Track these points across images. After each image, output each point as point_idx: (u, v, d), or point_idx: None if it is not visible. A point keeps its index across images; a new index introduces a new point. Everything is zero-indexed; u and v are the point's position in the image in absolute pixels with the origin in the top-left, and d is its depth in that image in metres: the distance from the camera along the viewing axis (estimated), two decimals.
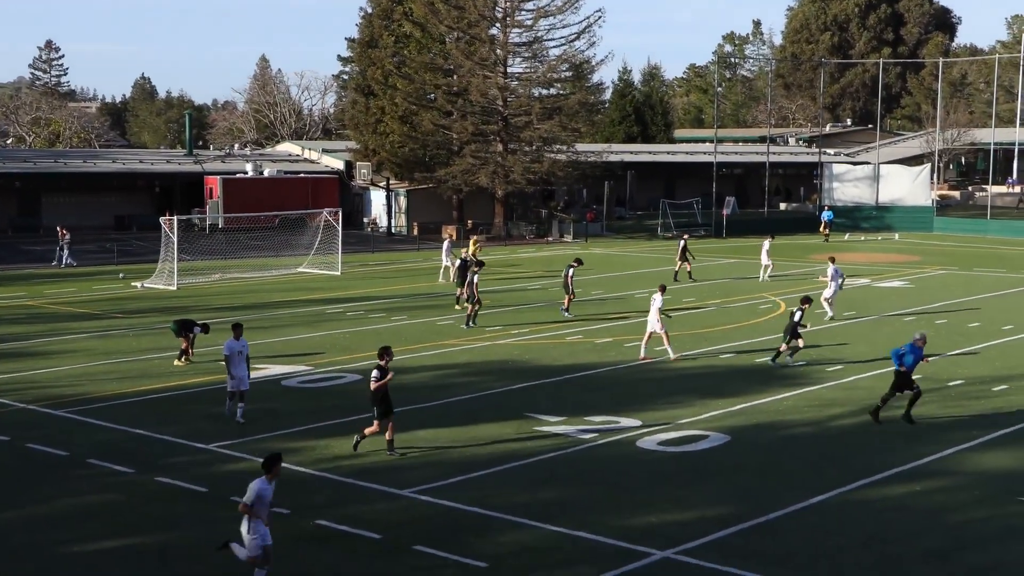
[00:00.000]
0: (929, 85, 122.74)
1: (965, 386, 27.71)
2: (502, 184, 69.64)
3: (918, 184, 79.53)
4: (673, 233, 73.20)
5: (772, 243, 50.31)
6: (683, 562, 16.25)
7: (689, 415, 24.68)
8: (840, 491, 19.45)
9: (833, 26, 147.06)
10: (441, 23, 70.29)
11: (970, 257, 59.14)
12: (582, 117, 73.40)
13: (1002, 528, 17.75)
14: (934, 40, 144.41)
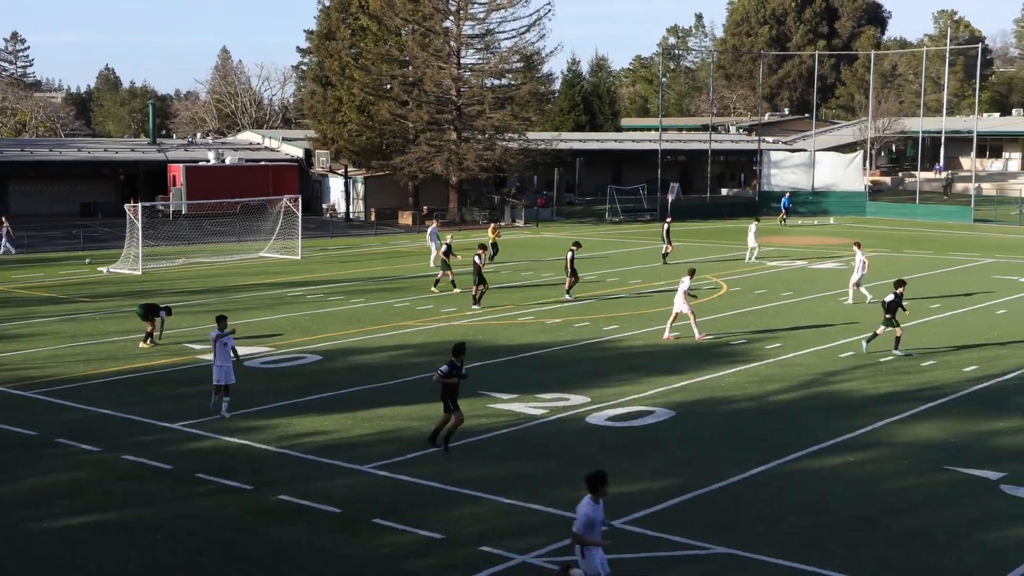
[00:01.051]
0: (862, 76, 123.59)
1: (895, 362, 27.99)
2: (456, 171, 69.58)
3: (851, 170, 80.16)
4: (620, 217, 73.52)
5: (758, 225, 50.77)
6: (630, 531, 16.34)
7: (636, 392, 24.79)
8: (778, 463, 19.62)
9: (771, 20, 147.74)
10: (397, 16, 70.03)
11: (900, 240, 59.69)
12: (533, 107, 73.45)
13: (929, 495, 17.98)
14: (866, 33, 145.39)
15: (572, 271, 38.20)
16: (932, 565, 15.18)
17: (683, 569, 14.99)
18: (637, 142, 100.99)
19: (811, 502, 17.60)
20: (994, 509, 17.35)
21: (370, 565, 15.15)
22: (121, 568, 15.14)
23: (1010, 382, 25.81)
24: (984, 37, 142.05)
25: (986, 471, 19.09)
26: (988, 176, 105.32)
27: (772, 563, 15.17)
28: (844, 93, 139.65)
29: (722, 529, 16.41)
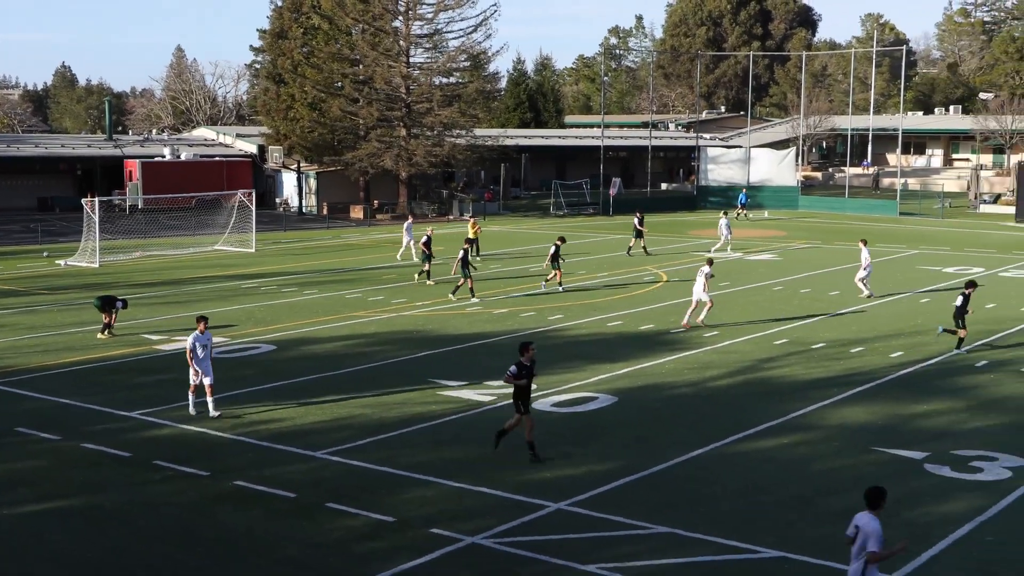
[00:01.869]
0: (794, 76, 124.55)
1: (826, 348, 28.30)
2: (406, 166, 69.43)
3: (784, 166, 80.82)
4: (564, 211, 73.64)
5: (728, 219, 51.01)
6: (575, 512, 16.42)
7: (580, 379, 24.89)
8: (716, 445, 19.79)
9: (708, 21, 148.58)
10: (347, 16, 69.65)
11: (830, 232, 60.28)
12: (480, 104, 73.41)
13: (857, 475, 18.16)
14: (798, 35, 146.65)
15: (556, 264, 37.83)
16: None
17: (625, 548, 15.08)
18: (580, 138, 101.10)
19: (747, 483, 17.78)
20: (918, 488, 17.63)
21: (323, 548, 15.11)
22: (83, 553, 15.02)
23: (933, 367, 26.21)
24: (908, 40, 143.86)
25: (911, 451, 19.39)
26: (913, 172, 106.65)
27: (710, 541, 15.31)
28: (777, 92, 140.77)
29: (662, 509, 16.54)
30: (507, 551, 14.97)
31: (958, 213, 74.48)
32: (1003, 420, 21.60)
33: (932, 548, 15.12)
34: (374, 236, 59.13)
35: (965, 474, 18.24)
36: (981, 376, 25.30)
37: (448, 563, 14.61)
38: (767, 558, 14.79)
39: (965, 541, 15.44)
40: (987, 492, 17.37)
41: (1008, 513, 16.53)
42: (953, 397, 23.40)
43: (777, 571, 14.38)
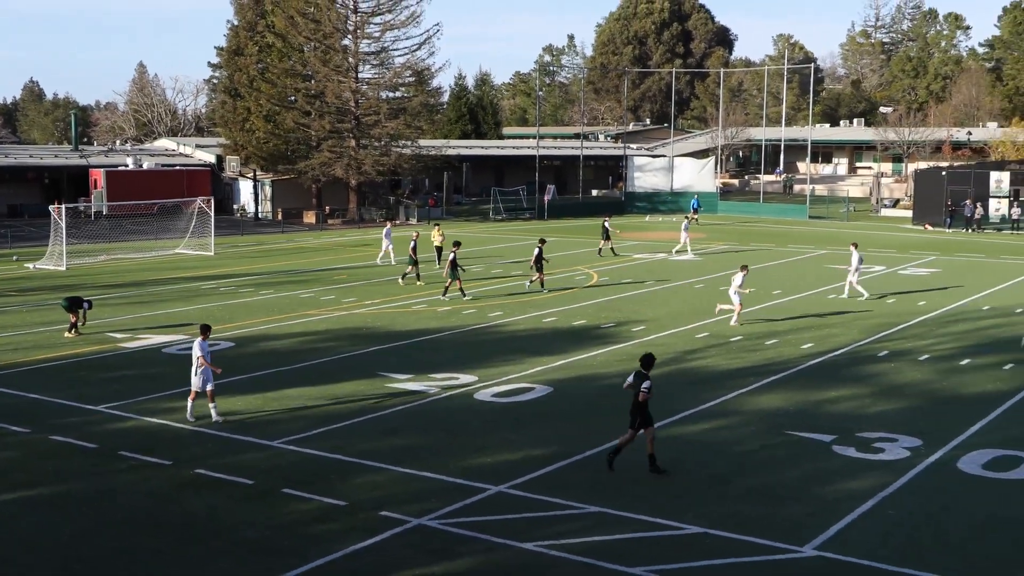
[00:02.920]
0: (713, 91, 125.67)
1: (743, 341, 28.55)
2: (355, 175, 69.11)
3: (704, 173, 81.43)
4: (502, 216, 73.66)
5: (689, 223, 51.18)
6: (513, 495, 16.44)
7: (518, 371, 24.91)
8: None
9: (634, 41, 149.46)
10: (300, 34, 69.18)
11: (747, 234, 60.88)
12: (424, 117, 73.36)
13: (772, 456, 18.42)
14: (716, 54, 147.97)
15: (539, 266, 37.19)
16: (775, 516, 15.56)
17: (561, 527, 15.12)
18: (517, 148, 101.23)
19: (673, 464, 17.87)
20: (827, 467, 17.85)
21: (279, 530, 15.00)
22: (53, 539, 14.77)
23: (840, 357, 26.55)
24: (816, 58, 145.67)
25: (820, 434, 19.63)
26: (821, 178, 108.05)
27: (637, 519, 15.39)
28: (698, 106, 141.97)
29: (595, 490, 16.60)
30: (451, 531, 14.95)
31: (861, 216, 75.61)
32: (902, 404, 21.95)
33: (840, 521, 15.32)
34: (325, 240, 58.78)
35: (869, 454, 18.50)
36: (883, 365, 25.67)
37: (396, 543, 14.57)
38: (689, 533, 14.90)
39: (870, 514, 15.67)
40: (889, 470, 17.63)
41: (907, 489, 16.79)
42: (858, 384, 23.69)
43: (698, 545, 14.48)
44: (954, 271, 43.54)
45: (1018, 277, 41.67)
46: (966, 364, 25.68)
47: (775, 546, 14.44)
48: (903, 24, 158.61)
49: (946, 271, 43.54)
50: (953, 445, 18.98)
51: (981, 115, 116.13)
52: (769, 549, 14.35)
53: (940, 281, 40.36)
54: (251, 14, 73.63)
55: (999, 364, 25.61)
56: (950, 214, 64.63)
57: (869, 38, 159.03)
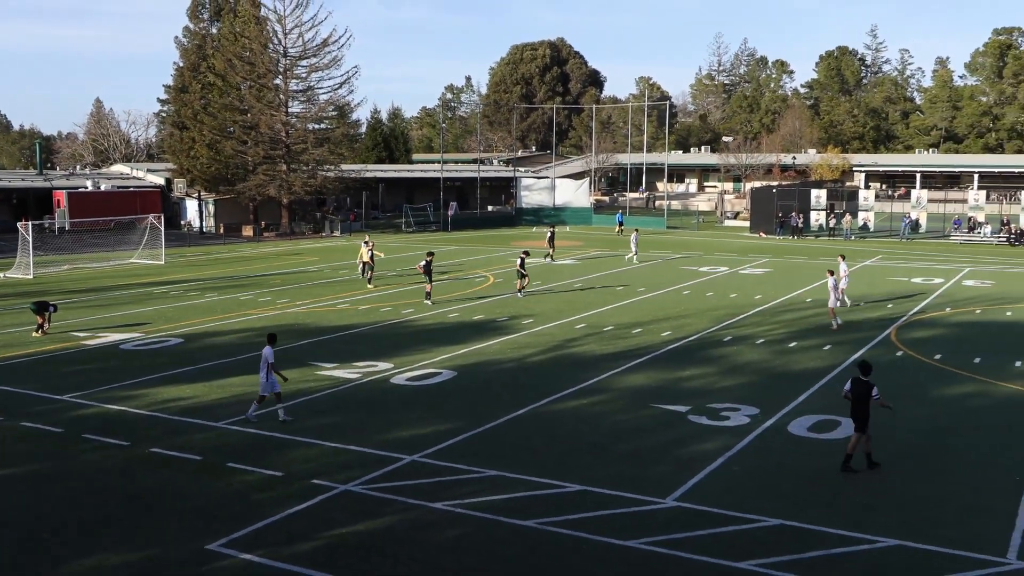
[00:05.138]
0: (587, 123, 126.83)
1: (614, 331, 28.86)
2: (286, 194, 67.97)
3: (580, 192, 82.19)
4: (413, 228, 73.22)
5: (638, 235, 50.91)
6: (425, 462, 16.38)
7: (428, 358, 24.82)
8: (533, 406, 19.98)
9: (522, 81, 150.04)
10: (237, 75, 67.75)
11: (616, 242, 61.58)
12: (345, 145, 72.43)
13: (639, 425, 18.66)
14: (590, 92, 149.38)
15: (523, 274, 36.14)
16: (643, 475, 15.78)
17: (465, 489, 15.12)
18: (425, 171, 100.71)
19: (558, 434, 18.02)
20: (683, 433, 18.16)
21: (226, 498, 14.71)
22: (24, 512, 14.23)
23: (693, 343, 27.03)
24: (671, 96, 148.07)
25: (678, 406, 19.95)
26: (676, 195, 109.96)
27: (528, 480, 15.47)
28: (575, 135, 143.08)
29: (492, 457, 16.63)
30: (372, 495, 14.84)
31: (709, 226, 77.10)
32: (744, 380, 22.43)
33: (695, 476, 15.60)
34: (261, 250, 57.71)
35: (717, 421, 18.87)
36: (727, 348, 26.20)
37: (326, 506, 14.40)
38: (571, 491, 15.03)
39: (718, 471, 16.00)
40: (733, 434, 18.02)
41: (748, 449, 17.20)
42: (708, 364, 24.13)
43: (580, 500, 14.62)
44: (783, 270, 44.69)
45: None
46: (794, 346, 26.37)
47: (643, 499, 14.66)
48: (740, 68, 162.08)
49: (777, 271, 44.66)
50: (784, 412, 19.47)
51: (803, 143, 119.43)
52: (638, 502, 14.56)
53: (772, 279, 41.39)
54: (194, 57, 72.04)
55: (820, 346, 26.37)
56: (780, 224, 66.32)
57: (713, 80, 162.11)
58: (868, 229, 67.66)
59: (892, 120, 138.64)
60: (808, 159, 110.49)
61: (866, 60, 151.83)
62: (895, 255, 52.25)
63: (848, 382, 16.23)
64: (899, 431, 18.10)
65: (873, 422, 16.10)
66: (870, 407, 15.78)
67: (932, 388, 21.56)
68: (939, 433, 18.10)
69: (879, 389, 16.17)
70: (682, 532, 13.38)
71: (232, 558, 12.63)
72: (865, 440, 15.93)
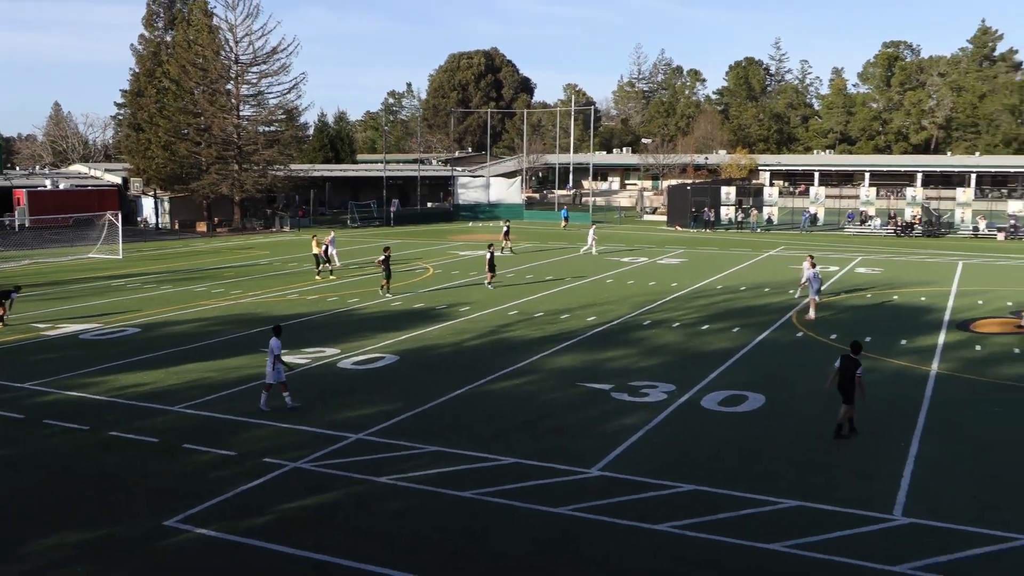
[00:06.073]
0: (519, 126, 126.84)
1: (544, 316, 28.93)
2: (238, 192, 66.78)
3: (513, 190, 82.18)
4: (358, 223, 72.54)
5: (596, 228, 50.57)
6: (370, 440, 16.27)
7: (372, 344, 24.63)
8: (470, 387, 19.96)
9: (459, 87, 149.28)
10: (190, 80, 66.23)
11: (547, 235, 61.75)
12: (293, 146, 71.44)
13: (567, 403, 18.75)
14: (521, 98, 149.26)
15: (492, 267, 35.50)
16: (570, 447, 15.86)
17: (407, 464, 15.06)
18: (369, 171, 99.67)
19: (493, 411, 18.03)
20: (607, 409, 18.30)
21: (183, 477, 14.43)
22: None
23: (615, 326, 27.23)
24: (595, 102, 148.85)
25: (602, 384, 20.10)
26: (600, 192, 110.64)
27: (466, 454, 15.45)
28: (508, 138, 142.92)
29: (433, 434, 16.59)
30: (321, 471, 14.69)
31: (630, 221, 77.74)
32: (662, 360, 22.65)
33: (617, 448, 15.75)
34: (215, 245, 56.62)
35: (637, 398, 19.04)
36: (647, 331, 26.45)
37: (277, 483, 14.22)
38: (505, 464, 15.06)
39: (639, 443, 16.17)
40: (651, 409, 18.21)
41: (665, 422, 17.40)
42: (629, 346, 24.31)
43: (513, 472, 14.66)
44: (697, 261, 45.29)
45: (741, 264, 43.70)
46: (706, 329, 26.73)
47: (570, 469, 14.75)
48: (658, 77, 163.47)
49: (691, 260, 45.24)
50: (697, 388, 19.74)
51: (714, 145, 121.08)
52: (566, 472, 14.65)
53: (687, 268, 41.92)
54: (149, 63, 70.44)
55: (729, 328, 26.78)
56: (694, 218, 67.18)
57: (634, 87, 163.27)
58: (772, 223, 68.89)
59: (793, 124, 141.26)
60: (719, 159, 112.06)
61: (770, 70, 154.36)
62: (796, 246, 53.32)
63: (838, 358, 16.52)
64: (800, 405, 18.50)
65: (781, 398, 16.42)
66: (856, 382, 16.05)
67: (828, 365, 22.08)
68: (835, 406, 18.54)
69: (791, 364, 16.49)
70: (606, 499, 13.50)
71: (188, 533, 12.40)
72: (850, 411, 16.27)
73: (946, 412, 18.01)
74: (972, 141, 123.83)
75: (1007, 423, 17.31)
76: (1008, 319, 28.22)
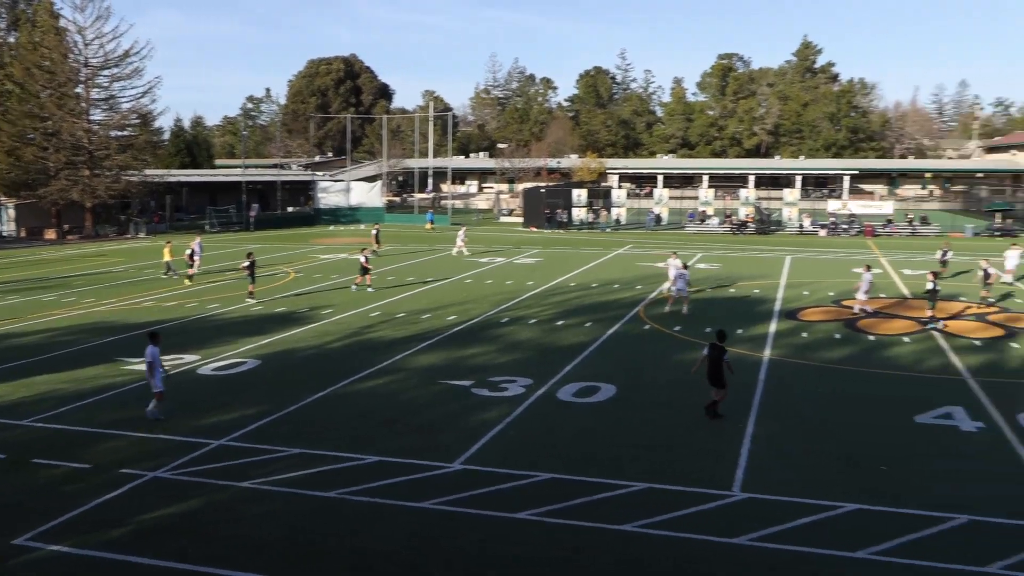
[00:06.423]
0: (378, 132, 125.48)
1: (405, 317, 28.76)
2: (90, 198, 63.07)
3: (373, 193, 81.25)
4: (217, 229, 70.01)
5: (466, 231, 49.50)
6: (232, 446, 15.76)
7: (233, 349, 23.85)
8: (335, 387, 19.63)
9: (318, 93, 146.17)
10: (36, 83, 62.15)
11: (408, 237, 61.36)
12: (148, 151, 68.05)
13: (429, 400, 18.72)
14: (380, 104, 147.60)
15: (365, 270, 34.48)
16: (433, 443, 15.84)
17: (271, 467, 14.67)
18: (228, 175, 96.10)
19: (356, 412, 17.79)
20: (469, 404, 18.38)
21: (32, 493, 13.54)
22: None
23: (475, 324, 27.36)
24: (453, 108, 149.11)
25: (463, 381, 20.16)
26: (459, 195, 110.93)
27: (330, 455, 15.18)
28: (368, 142, 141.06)
29: (297, 437, 16.22)
30: (182, 479, 14.12)
31: (488, 222, 78.30)
32: (519, 356, 22.91)
33: (478, 442, 15.84)
34: (65, 252, 53.37)
35: (497, 393, 19.19)
36: (505, 328, 26.70)
37: (136, 493, 13.56)
38: (369, 462, 14.90)
39: (499, 436, 16.31)
40: (511, 403, 18.40)
41: (524, 415, 17.63)
42: (488, 343, 24.47)
43: (376, 470, 14.52)
44: (552, 260, 46.08)
45: (593, 262, 44.78)
46: (561, 324, 27.22)
47: (433, 465, 14.74)
48: (513, 84, 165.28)
49: (546, 260, 45.99)
50: (553, 381, 20.09)
51: (566, 149, 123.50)
52: (428, 468, 14.63)
53: (542, 267, 42.59)
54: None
55: (582, 323, 27.39)
56: (548, 219, 68.32)
57: (490, 94, 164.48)
58: (621, 223, 70.92)
59: (639, 130, 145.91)
60: (571, 163, 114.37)
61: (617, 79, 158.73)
62: (643, 244, 55.07)
63: (706, 346, 17.37)
64: (648, 393, 19.14)
65: (631, 388, 16.88)
66: (723, 367, 16.87)
67: (673, 355, 22.91)
68: (680, 392, 19.27)
69: (639, 355, 17.00)
70: (468, 491, 13.57)
71: (39, 550, 11.66)
72: (722, 394, 17.06)
73: (778, 394, 19.05)
74: (797, 146, 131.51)
75: (830, 402, 18.48)
76: (830, 307, 30.09)
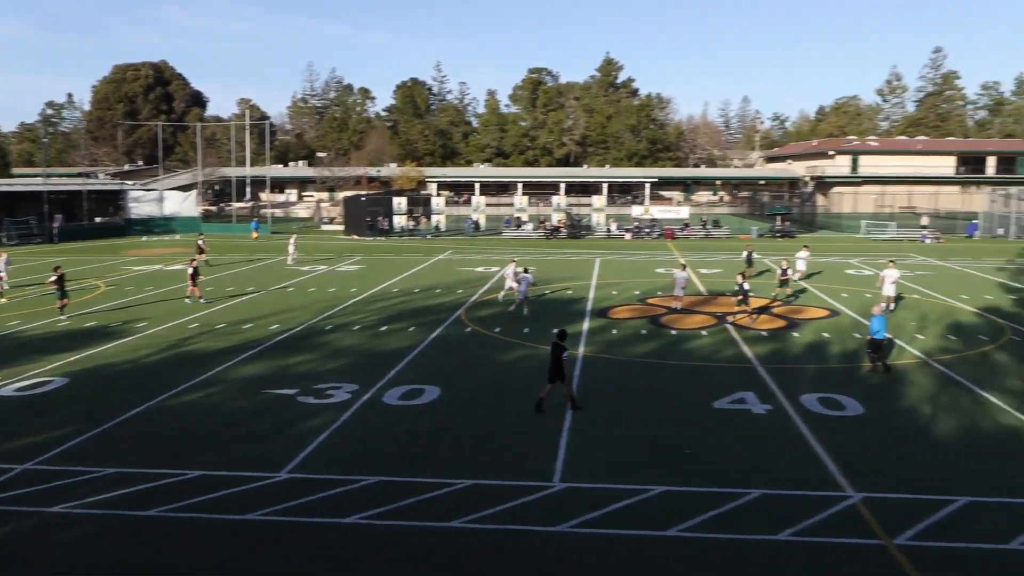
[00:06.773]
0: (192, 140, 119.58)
1: (226, 327, 27.46)
2: None
3: (188, 203, 77.40)
4: (16, 241, 64.30)
5: (296, 239, 46.75)
6: (39, 469, 14.52)
7: (37, 367, 21.95)
8: (152, 403, 18.50)
9: (126, 99, 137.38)
10: None
11: (226, 248, 58.78)
12: None
13: (254, 410, 18.04)
14: (194, 112, 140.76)
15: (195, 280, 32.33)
16: (258, 454, 15.24)
17: (84, 489, 13.62)
18: (27, 185, 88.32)
19: (176, 426, 16.85)
20: (295, 413, 17.88)
21: None
22: None
23: (299, 332, 26.61)
24: (270, 117, 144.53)
25: (288, 390, 19.58)
26: (279, 204, 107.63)
27: (149, 472, 14.31)
28: (181, 151, 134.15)
29: (111, 455, 15.16)
30: None
31: (309, 230, 76.41)
32: (344, 362, 22.52)
33: (305, 450, 15.42)
34: None
35: (323, 400, 18.78)
36: (330, 335, 26.15)
37: None
38: (192, 477, 14.18)
39: (325, 442, 15.95)
40: (337, 409, 18.06)
41: (350, 420, 17.34)
42: (313, 351, 23.89)
43: (199, 484, 13.83)
44: (374, 266, 45.60)
45: (414, 268, 44.71)
46: (385, 329, 26.98)
47: (259, 475, 14.22)
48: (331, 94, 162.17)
49: (369, 267, 45.46)
50: (379, 386, 19.87)
51: (386, 158, 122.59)
52: (255, 479, 14.09)
53: (365, 274, 42.06)
54: None
55: (406, 327, 27.27)
56: (369, 227, 67.55)
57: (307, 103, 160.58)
58: (440, 229, 71.23)
59: (456, 139, 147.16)
60: (391, 172, 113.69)
61: (433, 90, 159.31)
62: (462, 250, 55.56)
63: (551, 346, 17.78)
64: (471, 393, 19.32)
65: (455, 389, 16.93)
66: (563, 364, 17.42)
67: (495, 355, 23.25)
68: (499, 390, 19.59)
69: (462, 357, 17.10)
70: (296, 500, 13.19)
71: None
72: (567, 386, 17.70)
73: (592, 388, 19.75)
74: (603, 155, 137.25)
75: (638, 393, 19.37)
76: (636, 305, 31.55)
